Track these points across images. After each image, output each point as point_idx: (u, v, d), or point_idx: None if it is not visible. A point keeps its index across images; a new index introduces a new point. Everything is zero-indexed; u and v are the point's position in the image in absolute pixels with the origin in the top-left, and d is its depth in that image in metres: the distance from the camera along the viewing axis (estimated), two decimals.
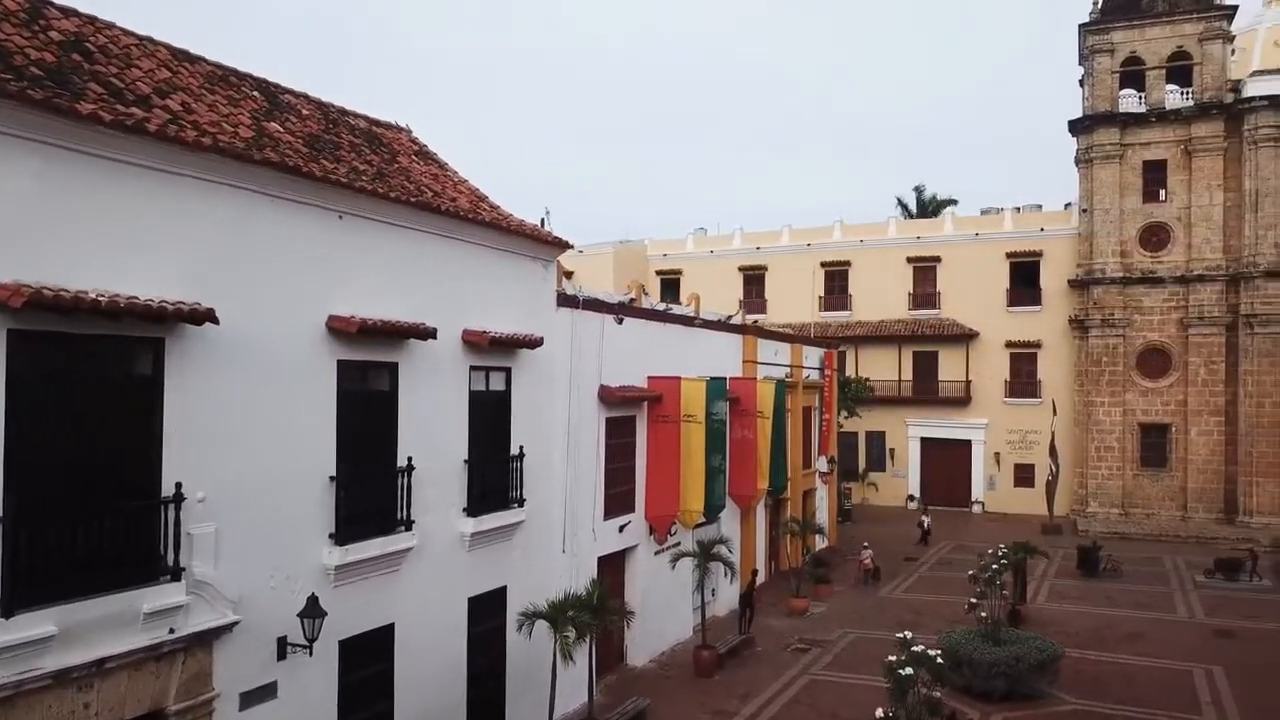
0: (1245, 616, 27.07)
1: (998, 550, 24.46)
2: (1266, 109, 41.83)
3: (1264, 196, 41.85)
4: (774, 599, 28.50)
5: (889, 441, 50.43)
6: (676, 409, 22.67)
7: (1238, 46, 45.57)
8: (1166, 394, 44.00)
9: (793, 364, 33.30)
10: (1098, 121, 45.17)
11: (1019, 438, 47.65)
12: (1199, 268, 43.34)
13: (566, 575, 19.26)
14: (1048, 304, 47.40)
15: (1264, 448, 41.21)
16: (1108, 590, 30.44)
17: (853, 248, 51.99)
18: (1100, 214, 45.08)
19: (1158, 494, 44.00)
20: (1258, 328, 41.56)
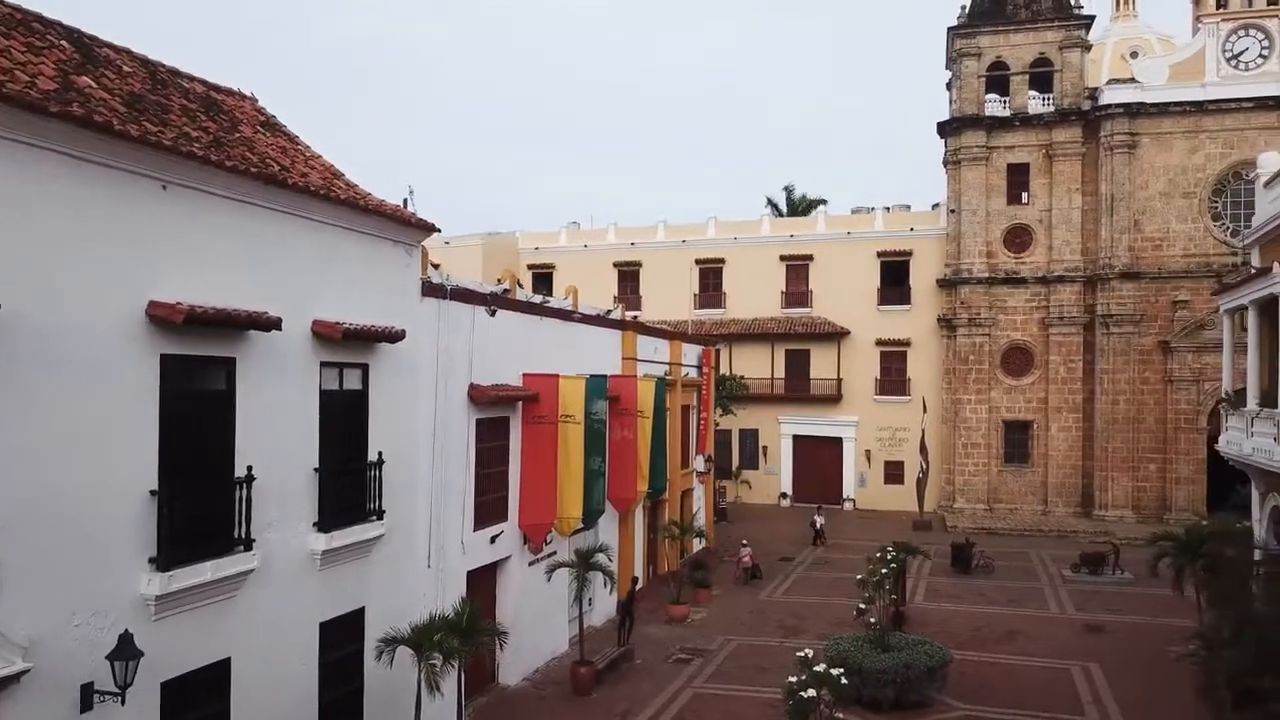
0: (1112, 610, 27.52)
1: (884, 553, 23.93)
2: (1121, 116, 43.35)
3: (1118, 201, 43.36)
4: (653, 605, 27.36)
5: (762, 439, 50.19)
6: (554, 409, 21.20)
7: (1089, 57, 47.17)
8: (1029, 392, 45.16)
9: (672, 361, 32.27)
10: (965, 124, 45.98)
11: (889, 435, 48.13)
12: (1059, 269, 44.63)
13: (433, 593, 17.55)
14: (917, 303, 48.03)
15: (1118, 443, 42.71)
16: (981, 587, 30.59)
17: (727, 245, 51.54)
18: (967, 215, 45.92)
19: (1021, 489, 45.13)
20: (1113, 327, 43.03)
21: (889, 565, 22.25)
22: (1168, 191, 43.04)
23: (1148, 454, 42.49)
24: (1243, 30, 42.61)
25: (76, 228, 10.68)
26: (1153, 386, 42.68)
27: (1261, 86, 41.91)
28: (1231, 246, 42.27)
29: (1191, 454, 41.76)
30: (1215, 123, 42.49)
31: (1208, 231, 42.62)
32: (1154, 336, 42.66)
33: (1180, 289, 42.45)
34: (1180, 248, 42.85)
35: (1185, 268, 42.56)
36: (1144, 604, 28.30)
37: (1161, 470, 42.26)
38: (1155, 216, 43.18)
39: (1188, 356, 41.84)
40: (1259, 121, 41.93)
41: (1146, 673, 21.61)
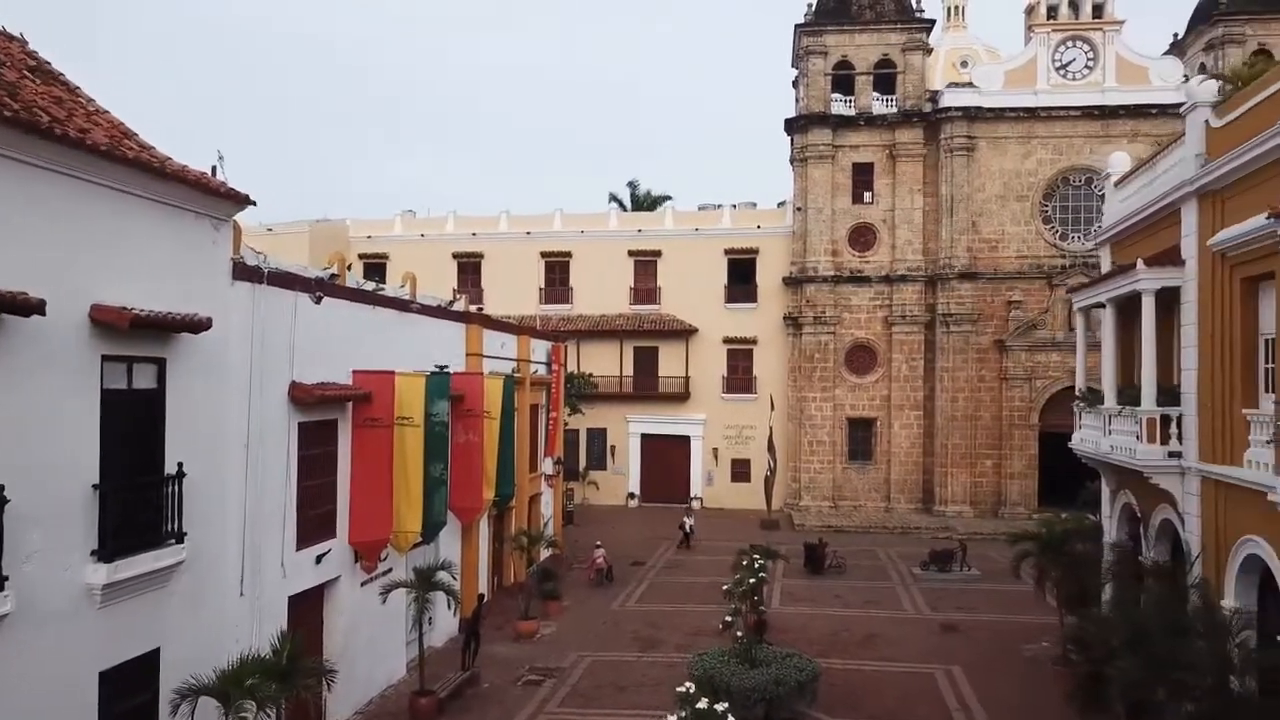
0: (963, 609, 27.45)
1: (747, 558, 22.77)
2: (960, 119, 44.26)
3: (958, 202, 44.27)
4: (500, 621, 25.35)
5: (610, 438, 48.82)
6: (389, 410, 18.91)
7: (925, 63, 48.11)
8: (873, 389, 45.59)
9: (520, 358, 30.29)
10: (812, 122, 45.97)
11: (736, 433, 47.66)
12: (902, 268, 45.23)
13: (247, 625, 15.07)
14: (764, 301, 47.76)
15: (957, 440, 43.60)
16: (836, 588, 30.09)
17: (574, 238, 49.85)
18: (813, 213, 45.92)
19: (864, 486, 45.50)
20: (952, 326, 43.90)
21: (756, 574, 21.09)
22: (1003, 194, 44.27)
23: (985, 450, 43.56)
24: (1070, 41, 44.26)
25: None
26: (989, 384, 43.80)
27: (1087, 96, 43.64)
28: (1060, 249, 43.93)
29: (1025, 449, 43.09)
30: (1046, 129, 43.97)
31: (1039, 234, 44.06)
32: (990, 335, 43.79)
33: (1014, 289, 43.72)
34: (1014, 249, 44.14)
35: (1019, 269, 43.87)
36: (993, 601, 28.44)
37: (997, 466, 43.41)
38: (992, 218, 44.33)
39: (1022, 355, 43.13)
40: (1085, 130, 43.64)
41: (1007, 674, 21.31)
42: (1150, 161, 20.42)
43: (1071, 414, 42.34)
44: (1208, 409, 16.59)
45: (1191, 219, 17.25)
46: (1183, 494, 17.48)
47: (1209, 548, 16.47)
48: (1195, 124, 17.26)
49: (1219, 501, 16.17)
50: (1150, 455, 17.63)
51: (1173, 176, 18.20)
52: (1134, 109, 43.11)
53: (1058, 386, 42.77)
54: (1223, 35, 43.86)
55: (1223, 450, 16.05)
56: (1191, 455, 17.13)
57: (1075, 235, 43.97)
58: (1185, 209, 17.53)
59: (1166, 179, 18.64)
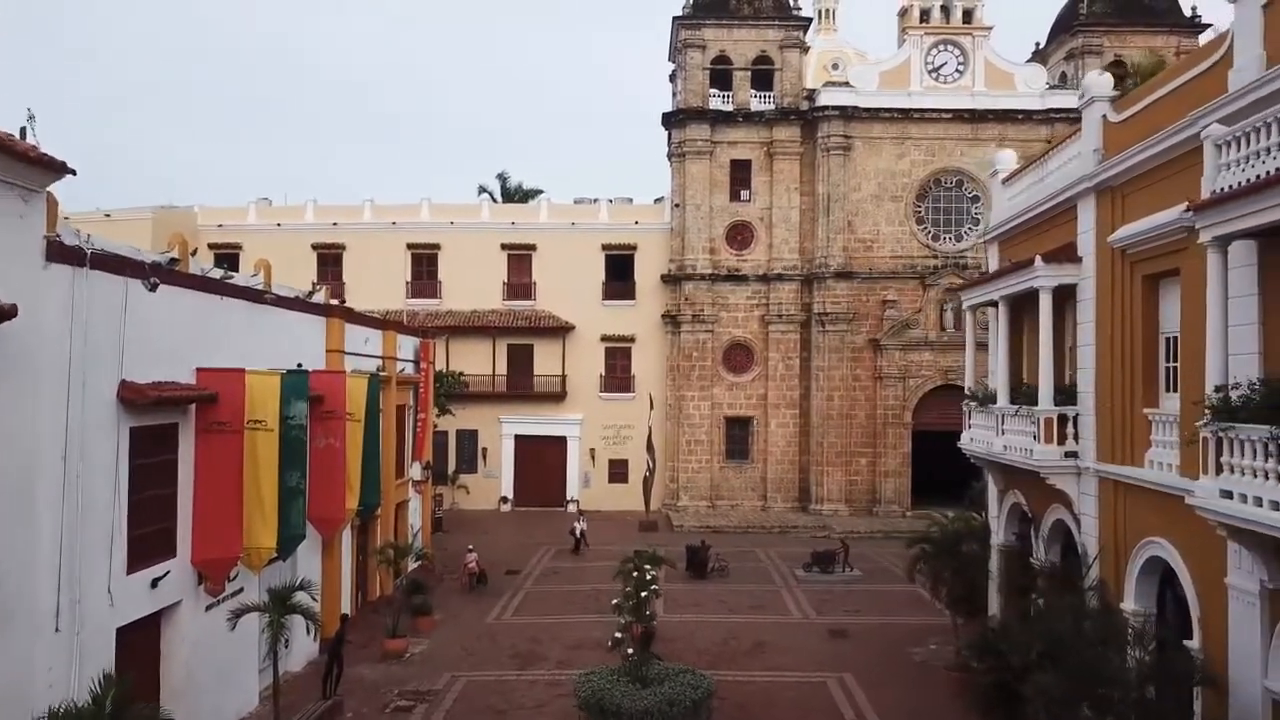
0: (850, 612, 26.99)
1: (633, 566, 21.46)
2: (836, 118, 44.34)
3: (834, 202, 44.33)
4: (365, 639, 23.37)
5: (482, 440, 46.89)
6: (239, 413, 16.82)
7: None
8: (750, 388, 45.22)
9: (386, 355, 28.23)
10: (690, 117, 45.25)
11: (614, 433, 46.53)
12: (778, 267, 45.01)
13: (63, 668, 12.90)
14: (642, 298, 46.78)
15: (833, 438, 43.64)
16: (720, 593, 29.24)
17: (443, 230, 47.64)
18: (692, 210, 45.22)
19: (741, 485, 45.09)
20: (828, 325, 43.92)
21: (647, 586, 19.87)
22: (878, 194, 44.58)
23: (859, 448, 43.76)
24: (942, 45, 44.96)
25: None
26: (864, 383, 44.03)
27: (958, 99, 44.40)
28: (933, 250, 44.54)
29: (899, 448, 43.49)
30: (920, 130, 44.50)
31: (913, 234, 44.57)
32: (865, 335, 44.03)
33: (889, 289, 44.08)
34: (889, 249, 44.52)
35: (893, 269, 44.27)
36: (877, 602, 28.13)
37: (872, 464, 43.67)
38: (867, 218, 44.59)
39: (896, 354, 43.51)
40: (956, 132, 44.39)
41: (900, 681, 20.77)
42: (1041, 158, 20.22)
43: (943, 412, 43.80)
44: (1106, 409, 16.30)
45: (1089, 215, 16.96)
46: (1079, 494, 17.19)
47: (1107, 549, 16.18)
48: (1092, 119, 16.98)
49: (1118, 502, 15.88)
50: (1047, 456, 17.28)
51: (1068, 172, 17.93)
52: (1002, 113, 44.12)
53: (930, 385, 43.38)
54: (1082, 46, 45.37)
55: (1122, 450, 15.76)
56: (1089, 456, 16.84)
57: (947, 236, 44.70)
58: (1082, 205, 17.24)
59: (1061, 175, 18.39)
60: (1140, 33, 44.99)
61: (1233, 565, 12.42)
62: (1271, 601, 11.70)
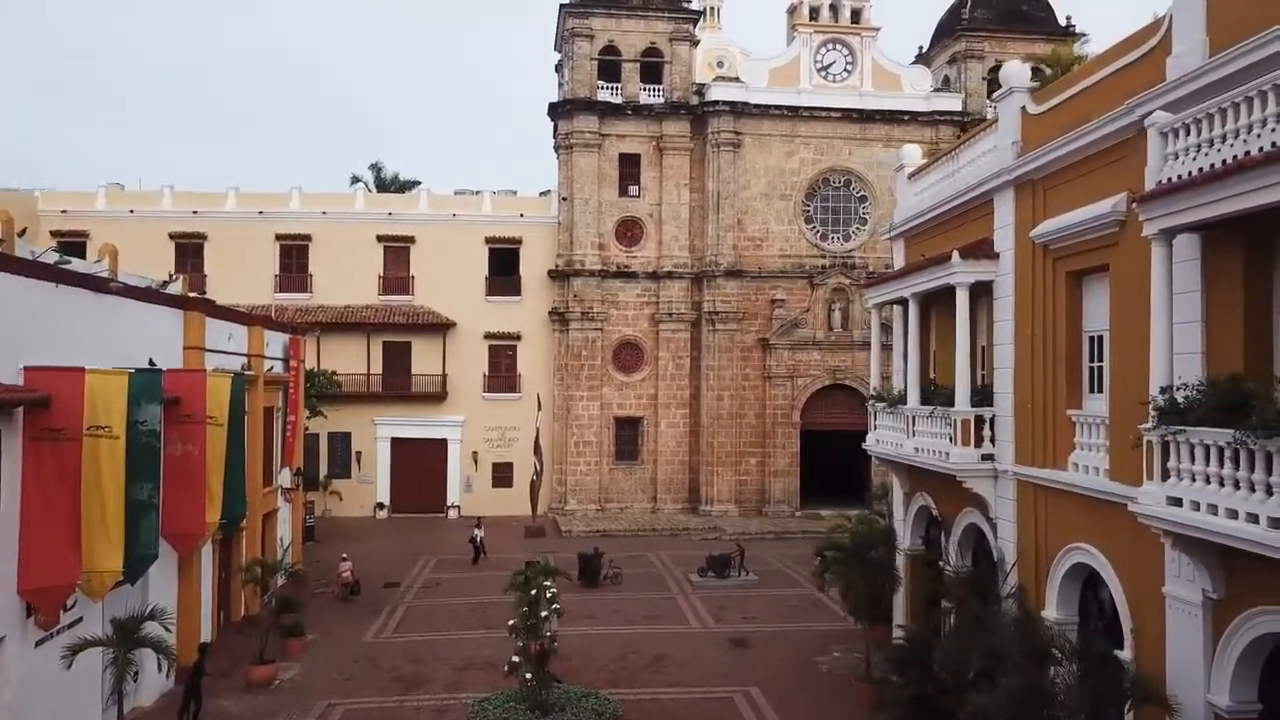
0: (748, 619, 26.11)
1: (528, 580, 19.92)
2: (727, 114, 43.75)
3: (724, 199, 43.72)
4: (228, 667, 21.16)
5: (356, 443, 44.34)
6: (78, 418, 14.59)
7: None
8: (640, 388, 44.20)
9: (252, 353, 25.87)
10: (577, 107, 43.89)
11: (498, 435, 44.75)
12: (669, 264, 44.12)
13: None
14: (528, 294, 45.15)
15: (722, 438, 43.02)
16: (615, 602, 27.97)
17: (315, 220, 44.87)
18: (580, 204, 43.88)
19: (631, 487, 44.01)
20: (718, 324, 43.28)
21: (548, 605, 18.35)
22: (767, 192, 44.20)
23: (749, 448, 43.28)
24: (831, 44, 44.94)
25: None
26: (754, 382, 43.58)
27: (846, 99, 44.45)
28: (821, 249, 44.43)
29: (788, 447, 43.20)
30: (809, 129, 44.34)
31: (802, 234, 44.37)
32: (755, 334, 43.57)
33: (778, 288, 43.73)
34: (778, 248, 44.19)
35: (782, 268, 43.95)
36: (775, 608, 27.39)
37: (761, 464, 43.25)
38: (756, 216, 44.15)
39: (785, 354, 43.21)
40: (845, 131, 44.42)
41: (808, 693, 19.93)
42: (951, 152, 19.71)
43: (831, 412, 43.79)
44: (1026, 410, 15.77)
45: (1007, 210, 16.43)
46: (996, 498, 16.65)
47: (1027, 555, 15.65)
48: (1010, 111, 16.45)
49: (1039, 507, 15.35)
50: (965, 459, 16.67)
51: (983, 166, 17.40)
52: (889, 114, 44.38)
53: (819, 384, 43.30)
54: (965, 50, 46.06)
55: (1044, 453, 15.23)
56: (1007, 458, 16.30)
57: (835, 236, 44.69)
58: (999, 199, 16.71)
59: (975, 169, 17.85)
60: (1019, 39, 45.95)
61: (1170, 574, 11.89)
62: (1215, 613, 11.18)
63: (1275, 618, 10.33)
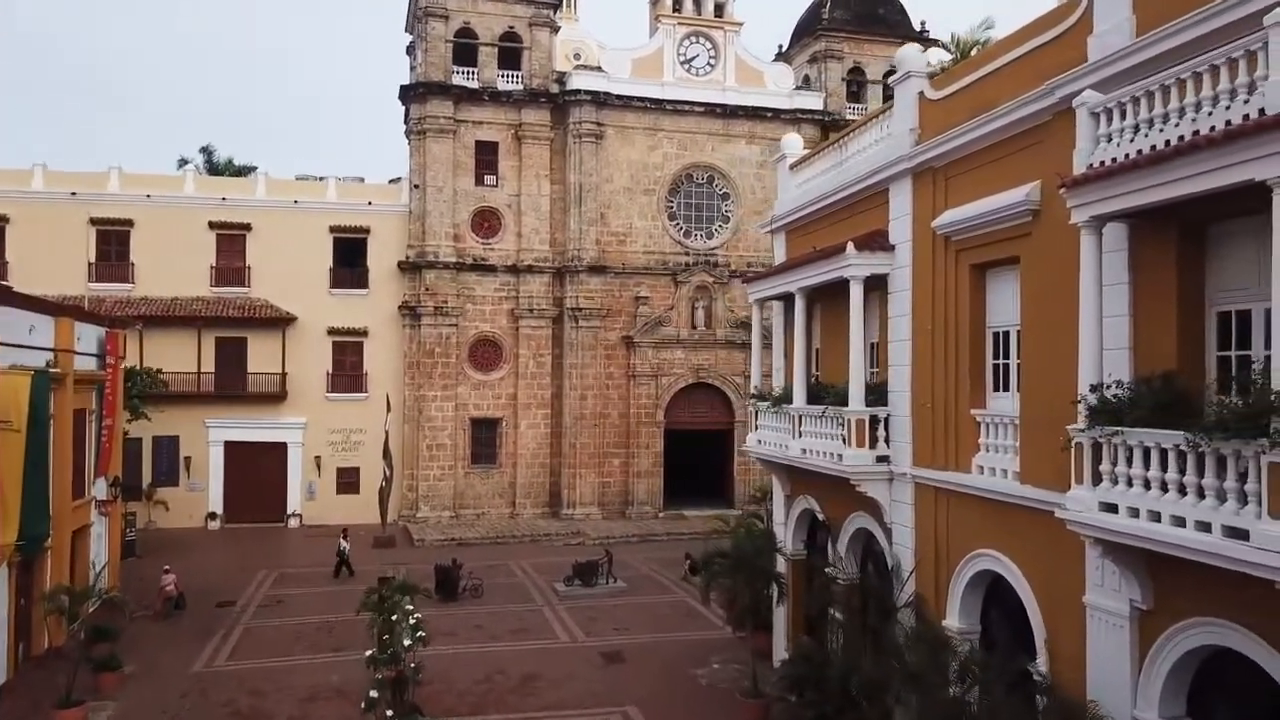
0: (620, 630, 24.78)
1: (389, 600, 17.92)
2: (588, 104, 42.38)
3: (586, 192, 42.33)
4: (25, 711, 18.31)
5: (184, 448, 40.60)
6: None
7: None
8: (498, 387, 42.28)
9: (60, 348, 22.68)
10: (431, 91, 41.56)
11: (343, 438, 41.89)
12: (529, 258, 42.38)
13: None
14: (376, 287, 42.46)
15: (585, 439, 41.63)
16: (476, 617, 26.10)
17: (138, 204, 40.77)
18: (433, 192, 41.57)
19: (488, 492, 42.04)
20: (581, 321, 41.86)
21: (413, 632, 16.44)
22: (630, 187, 43.10)
23: (613, 449, 42.06)
24: (694, 37, 44.25)
25: None
26: (617, 381, 42.39)
27: (710, 93, 43.85)
28: (685, 246, 43.67)
29: (651, 447, 42.23)
30: (672, 123, 43.49)
31: (665, 230, 43.47)
32: (619, 332, 42.39)
33: (641, 284, 42.71)
34: (642, 244, 43.16)
35: (646, 264, 42.94)
36: (646, 616, 26.17)
37: (625, 465, 42.11)
38: (620, 211, 42.98)
39: (649, 352, 42.21)
40: (708, 127, 43.80)
41: (690, 711, 18.76)
42: (838, 140, 18.93)
43: (695, 411, 43.05)
44: (924, 409, 15.04)
45: (904, 200, 15.68)
46: (891, 502, 15.88)
47: (926, 561, 14.93)
48: (908, 96, 15.71)
49: (940, 511, 14.63)
50: (859, 460, 15.81)
51: (876, 155, 16.63)
52: (752, 110, 44.03)
53: (683, 383, 42.56)
54: (825, 50, 46.26)
55: (945, 454, 14.51)
56: (904, 460, 15.55)
57: (698, 233, 44.01)
58: (896, 189, 15.95)
59: (868, 158, 17.08)
60: (877, 42, 46.51)
61: (1092, 583, 11.24)
62: (1142, 624, 10.56)
63: (1209, 629, 9.74)
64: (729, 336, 42.75)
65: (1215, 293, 10.10)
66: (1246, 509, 8.36)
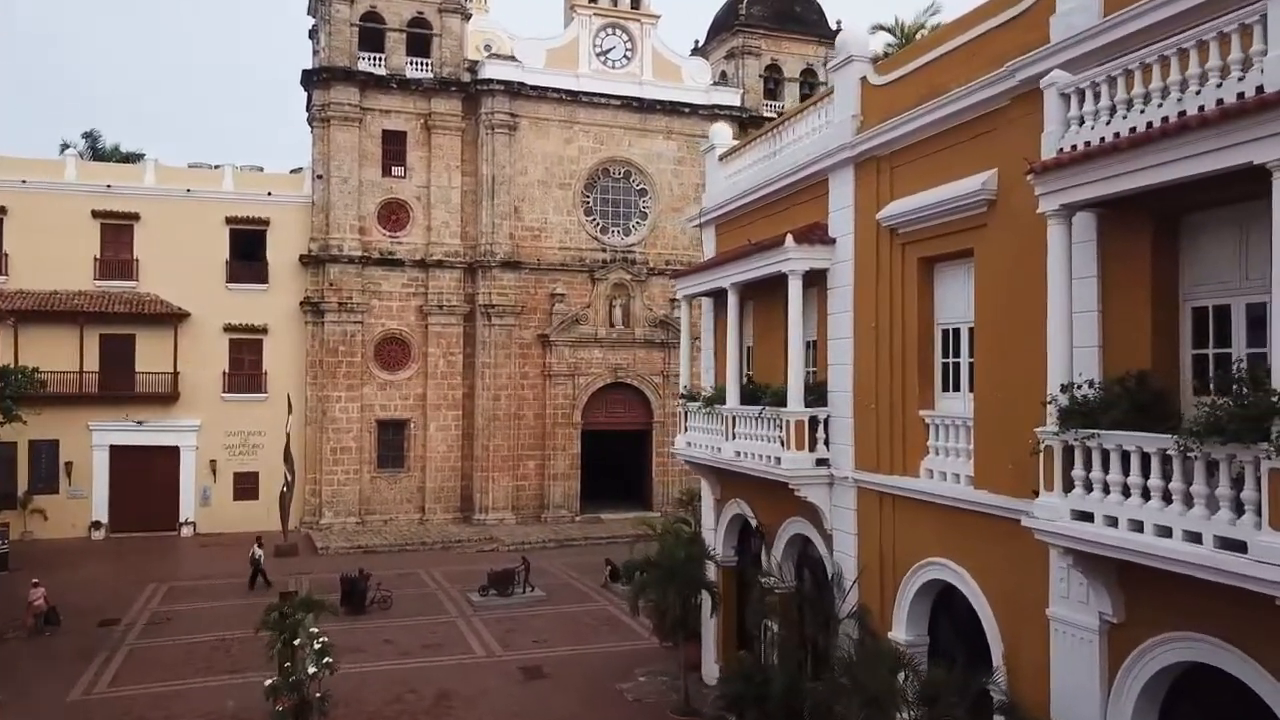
0: (540, 643, 23.59)
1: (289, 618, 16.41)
2: (502, 94, 41.02)
3: (499, 184, 40.94)
4: None
5: (65, 452, 37.79)
6: None
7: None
8: (406, 387, 40.53)
9: None
10: (335, 77, 39.62)
11: (241, 441, 39.60)
12: (439, 253, 40.74)
13: None
14: (277, 282, 40.25)
15: (499, 441, 40.24)
16: (385, 630, 24.60)
17: (12, 190, 37.72)
18: (338, 183, 39.62)
19: (396, 497, 40.26)
20: (494, 319, 40.45)
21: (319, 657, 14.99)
22: (546, 180, 41.86)
23: (527, 451, 40.77)
24: (611, 28, 43.27)
25: None
26: (532, 381, 41.12)
27: (626, 87, 42.92)
28: (601, 243, 42.65)
29: (568, 449, 41.07)
30: (588, 116, 42.41)
31: (581, 225, 42.37)
32: (534, 330, 41.12)
33: (558, 281, 41.53)
34: (557, 239, 41.96)
35: (562, 260, 41.76)
36: (566, 627, 25.06)
37: (540, 467, 40.87)
38: (535, 205, 41.70)
39: (565, 351, 41.06)
40: (625, 121, 42.85)
41: None
42: (772, 129, 18.14)
43: (612, 411, 42.03)
44: (868, 410, 14.32)
45: (846, 190, 14.93)
46: (832, 507, 15.14)
47: (870, 571, 14.21)
48: (848, 81, 14.97)
49: (885, 517, 13.93)
50: (798, 464, 15.01)
51: (816, 143, 15.87)
52: (669, 105, 43.25)
53: (600, 383, 41.56)
54: (742, 46, 45.78)
55: (890, 458, 13.80)
56: (845, 463, 14.81)
57: (615, 229, 43.04)
58: (836, 179, 15.20)
59: (805, 147, 16.31)
60: (794, 39, 46.33)
61: (1057, 594, 10.62)
62: (1112, 639, 9.95)
63: (1186, 644, 9.15)
64: (648, 335, 41.89)
65: (1191, 287, 9.54)
66: (1243, 519, 7.73)
